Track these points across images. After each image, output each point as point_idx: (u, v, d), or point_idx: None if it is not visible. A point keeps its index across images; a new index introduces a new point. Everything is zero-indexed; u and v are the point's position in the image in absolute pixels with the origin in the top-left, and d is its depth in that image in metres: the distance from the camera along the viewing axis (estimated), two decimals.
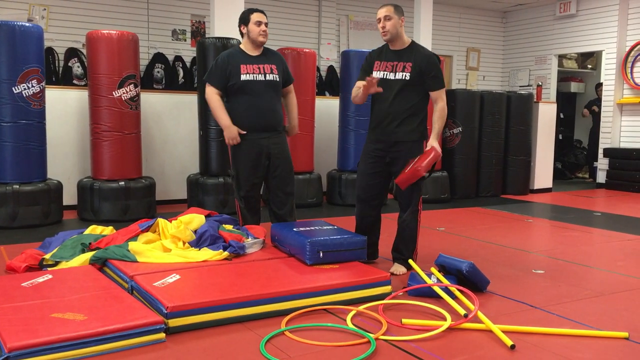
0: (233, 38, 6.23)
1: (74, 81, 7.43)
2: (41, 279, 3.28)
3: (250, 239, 3.96)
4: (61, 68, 7.46)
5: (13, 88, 5.44)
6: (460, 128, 7.89)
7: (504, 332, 2.83)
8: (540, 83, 9.47)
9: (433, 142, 3.85)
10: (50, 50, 7.29)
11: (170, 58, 8.14)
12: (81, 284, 3.21)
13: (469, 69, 10.94)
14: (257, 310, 3.01)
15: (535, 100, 8.55)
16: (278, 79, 4.27)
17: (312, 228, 3.95)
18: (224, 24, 6.40)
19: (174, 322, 2.79)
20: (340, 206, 7.03)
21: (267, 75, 4.22)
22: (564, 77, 11.38)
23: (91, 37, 5.87)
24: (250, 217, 4.37)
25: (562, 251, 4.84)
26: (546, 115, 8.62)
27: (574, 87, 11.52)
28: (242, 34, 4.27)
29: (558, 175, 10.47)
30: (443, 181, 7.62)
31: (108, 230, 4.35)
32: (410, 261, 3.96)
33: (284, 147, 4.34)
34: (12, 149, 5.48)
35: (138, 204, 5.94)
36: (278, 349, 2.64)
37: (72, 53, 7.49)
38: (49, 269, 3.61)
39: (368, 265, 3.72)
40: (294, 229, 3.89)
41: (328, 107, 7.79)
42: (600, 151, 9.55)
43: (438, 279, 3.53)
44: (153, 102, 6.82)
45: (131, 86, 5.93)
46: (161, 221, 4.11)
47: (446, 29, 10.51)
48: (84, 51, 7.15)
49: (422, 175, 3.80)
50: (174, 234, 3.93)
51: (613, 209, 7.28)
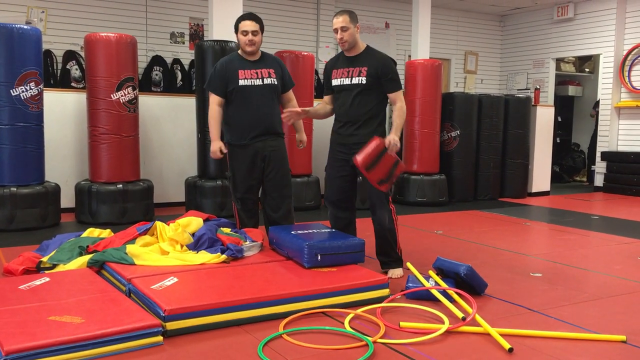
0: (231, 41, 6.23)
1: (72, 84, 7.43)
2: (38, 282, 3.28)
3: (248, 242, 3.96)
4: (59, 70, 7.45)
5: (11, 90, 5.43)
6: (458, 131, 7.90)
7: (502, 335, 2.83)
8: (538, 86, 9.48)
9: (391, 136, 3.76)
10: (48, 52, 7.29)
11: (168, 61, 8.15)
12: (79, 287, 3.20)
13: (467, 73, 10.96)
14: (255, 313, 3.00)
15: (533, 103, 8.56)
16: (276, 83, 4.28)
17: (310, 231, 3.95)
18: (223, 27, 6.40)
19: (172, 325, 2.78)
20: None
21: (265, 79, 4.23)
22: (562, 81, 11.40)
23: (89, 40, 5.87)
24: (247, 219, 4.37)
25: (560, 254, 4.84)
26: (544, 118, 8.63)
27: (572, 91, 11.54)
28: (238, 41, 4.30)
29: (556, 178, 10.48)
30: (441, 184, 7.62)
31: (106, 233, 4.34)
32: (408, 264, 3.96)
33: (281, 151, 4.35)
34: (10, 152, 5.47)
35: (136, 207, 5.94)
36: (276, 352, 2.64)
37: (70, 56, 7.49)
38: (47, 272, 3.60)
39: (366, 268, 3.72)
40: (292, 232, 3.89)
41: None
42: (598, 155, 9.56)
43: (436, 282, 3.53)
44: (151, 105, 6.82)
45: (129, 89, 5.93)
46: (159, 224, 4.11)
47: (444, 33, 10.53)
48: (82, 54, 7.15)
49: (358, 164, 3.68)
50: (172, 237, 3.93)
51: (611, 212, 7.29)
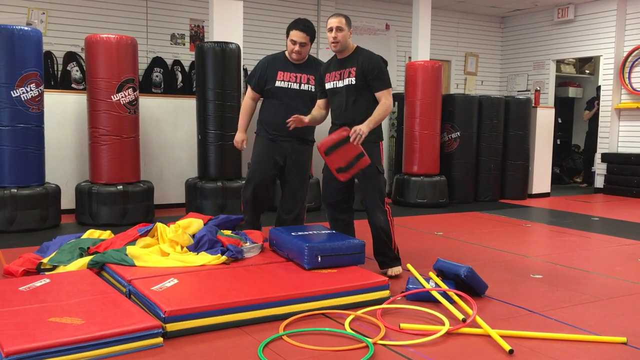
0: (232, 42, 6.24)
1: (73, 85, 7.44)
2: (39, 283, 3.28)
3: (248, 244, 3.96)
4: (60, 72, 7.46)
5: (11, 92, 5.43)
6: (458, 133, 7.90)
7: (502, 337, 2.83)
8: (538, 88, 9.49)
9: (359, 126, 3.66)
10: (49, 54, 7.29)
11: (169, 62, 8.16)
12: (79, 288, 3.20)
13: (467, 74, 10.97)
14: (255, 314, 3.00)
15: (533, 105, 8.56)
16: (313, 90, 4.34)
17: (311, 232, 3.94)
18: (223, 29, 6.41)
19: (172, 327, 2.78)
20: None
21: (302, 85, 4.32)
22: (562, 82, 11.40)
23: (90, 41, 5.87)
24: (252, 207, 4.42)
25: (560, 256, 4.84)
26: (544, 120, 8.63)
27: (572, 92, 11.55)
28: None
29: (556, 180, 10.48)
30: (441, 186, 7.62)
31: (106, 234, 4.34)
32: (408, 265, 3.96)
33: (304, 154, 4.43)
34: (10, 153, 5.47)
35: (136, 208, 5.94)
36: (276, 354, 2.63)
37: (71, 57, 7.49)
38: (47, 273, 3.60)
39: (366, 269, 3.72)
40: (292, 234, 3.89)
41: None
42: (598, 156, 9.56)
43: (436, 284, 3.53)
44: (151, 106, 6.82)
45: (130, 90, 5.93)
46: (159, 225, 4.11)
47: (444, 34, 10.54)
48: (83, 55, 7.16)
49: (320, 149, 3.72)
50: (172, 238, 3.93)
51: (611, 214, 7.29)
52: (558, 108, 10.70)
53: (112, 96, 5.83)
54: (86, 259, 3.73)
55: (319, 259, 3.58)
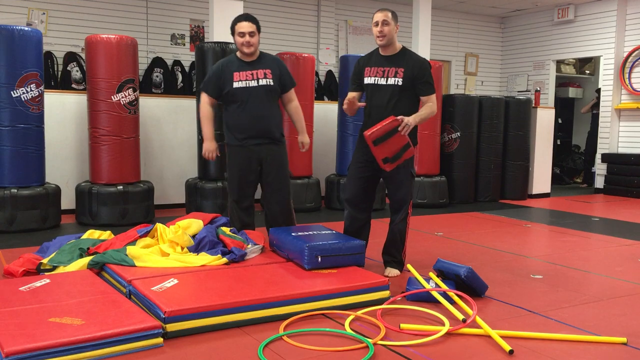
0: (232, 43, 6.24)
1: (73, 85, 7.44)
2: (39, 284, 3.28)
3: (250, 246, 3.96)
4: (60, 72, 7.46)
5: (12, 92, 5.43)
6: (458, 133, 7.90)
7: (503, 337, 2.83)
8: (538, 88, 9.49)
9: (408, 118, 3.69)
10: (49, 54, 7.29)
11: (169, 62, 8.15)
12: (79, 289, 3.20)
13: (468, 74, 10.96)
14: (255, 315, 3.00)
15: (533, 105, 8.56)
16: (272, 83, 4.24)
17: (311, 233, 3.94)
18: (223, 29, 6.40)
19: (172, 327, 2.78)
20: (339, 211, 7.01)
21: (260, 80, 4.20)
22: (562, 83, 11.40)
23: (90, 42, 5.87)
24: (244, 218, 4.35)
25: (561, 256, 4.84)
26: (544, 120, 8.63)
27: (572, 93, 11.55)
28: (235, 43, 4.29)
29: (556, 180, 10.48)
30: (441, 186, 7.62)
31: (106, 234, 4.34)
32: (408, 266, 3.96)
33: (279, 154, 4.31)
34: (11, 153, 5.48)
35: (136, 208, 5.94)
36: (276, 354, 2.63)
37: (71, 57, 7.49)
38: (47, 274, 3.60)
39: (366, 270, 3.72)
40: (293, 234, 3.89)
41: (326, 112, 7.80)
42: (598, 156, 9.56)
43: (436, 284, 3.53)
44: (152, 107, 6.83)
45: (130, 90, 5.94)
46: (159, 226, 4.11)
47: (444, 35, 10.54)
48: (83, 55, 7.16)
49: (366, 136, 3.67)
50: (172, 239, 3.93)
51: (611, 214, 7.29)
52: (558, 108, 10.70)
53: (112, 96, 5.83)
54: (86, 260, 3.73)
55: (319, 259, 3.58)
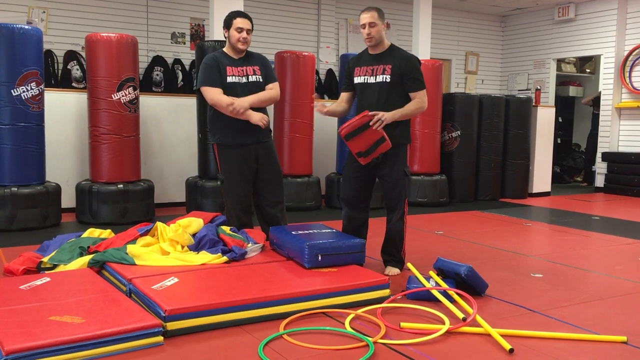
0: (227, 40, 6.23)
1: (73, 84, 7.44)
2: (39, 282, 3.28)
3: (250, 244, 3.95)
4: (60, 71, 7.46)
5: (12, 90, 5.43)
6: (459, 132, 7.90)
7: (503, 336, 2.83)
8: (538, 87, 9.48)
9: (382, 113, 3.69)
10: (49, 52, 7.29)
11: (169, 61, 8.15)
12: (79, 287, 3.20)
13: (468, 73, 10.96)
14: (256, 313, 3.00)
15: (533, 104, 8.55)
16: (261, 80, 4.24)
17: (311, 231, 3.94)
18: None
19: (172, 325, 2.78)
20: (339, 209, 7.01)
21: (250, 77, 4.19)
22: (563, 81, 11.40)
23: (90, 40, 5.87)
24: (242, 217, 4.31)
25: (561, 255, 4.84)
26: (545, 119, 8.63)
27: (573, 91, 11.54)
28: (225, 37, 4.26)
29: (556, 179, 10.47)
30: (442, 185, 7.62)
31: (106, 233, 4.34)
32: (408, 264, 3.96)
33: (272, 150, 4.33)
34: (11, 152, 5.48)
35: (136, 207, 5.94)
36: (276, 353, 2.64)
37: (71, 56, 7.49)
38: (47, 272, 3.60)
39: (366, 268, 3.72)
40: (293, 233, 3.89)
41: None
42: (598, 155, 9.56)
43: (437, 283, 3.53)
44: (152, 105, 6.82)
45: (130, 89, 5.93)
46: (159, 225, 4.11)
47: (445, 33, 10.53)
48: (83, 54, 7.15)
49: (341, 134, 3.69)
50: (172, 238, 3.92)
51: (611, 213, 7.29)
52: (558, 107, 10.70)
53: (113, 95, 5.83)
54: (86, 258, 3.73)
55: (319, 258, 3.58)
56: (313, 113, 7.03)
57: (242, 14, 4.20)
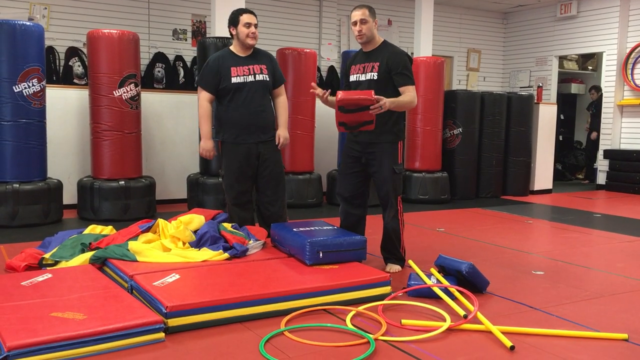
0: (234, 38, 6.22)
1: (75, 80, 7.44)
2: (41, 278, 3.28)
3: (252, 241, 3.96)
4: (62, 67, 7.46)
5: (13, 87, 5.44)
6: (460, 129, 7.89)
7: (504, 333, 2.83)
8: (540, 84, 9.47)
9: (384, 100, 3.60)
10: (51, 49, 7.29)
11: (170, 58, 8.15)
12: (81, 283, 3.21)
13: (470, 70, 10.94)
14: (257, 310, 3.01)
15: (535, 101, 8.55)
16: (268, 79, 4.25)
17: (312, 228, 3.95)
18: (225, 24, 6.33)
19: (174, 322, 2.79)
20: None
21: (257, 75, 4.20)
22: (565, 79, 11.38)
23: (92, 37, 5.87)
24: (242, 214, 4.32)
25: (562, 252, 4.84)
26: (546, 116, 8.62)
27: (575, 89, 11.53)
28: (232, 35, 4.26)
29: (558, 176, 10.47)
30: (443, 182, 7.62)
31: (108, 229, 4.35)
32: (410, 262, 3.96)
33: (276, 149, 4.32)
34: (12, 148, 5.48)
35: (138, 204, 5.94)
36: (277, 349, 2.64)
37: (73, 52, 7.49)
38: (49, 268, 3.61)
39: (367, 265, 3.72)
40: (294, 229, 3.89)
41: (328, 108, 7.76)
42: (600, 152, 9.55)
43: (438, 280, 3.53)
44: (153, 102, 6.82)
45: (132, 85, 5.93)
46: (161, 221, 4.11)
47: (447, 30, 10.52)
48: (85, 50, 7.15)
49: (339, 102, 3.60)
50: (174, 235, 3.93)
51: (613, 211, 7.28)
52: (560, 104, 10.68)
53: (114, 91, 5.83)
54: (88, 254, 3.74)
55: (321, 255, 3.58)
56: (315, 110, 7.03)
57: (248, 10, 4.23)
